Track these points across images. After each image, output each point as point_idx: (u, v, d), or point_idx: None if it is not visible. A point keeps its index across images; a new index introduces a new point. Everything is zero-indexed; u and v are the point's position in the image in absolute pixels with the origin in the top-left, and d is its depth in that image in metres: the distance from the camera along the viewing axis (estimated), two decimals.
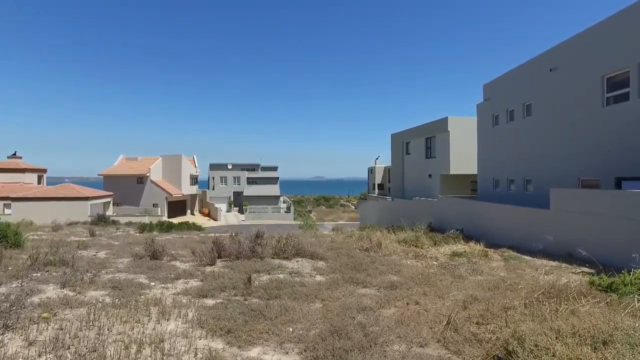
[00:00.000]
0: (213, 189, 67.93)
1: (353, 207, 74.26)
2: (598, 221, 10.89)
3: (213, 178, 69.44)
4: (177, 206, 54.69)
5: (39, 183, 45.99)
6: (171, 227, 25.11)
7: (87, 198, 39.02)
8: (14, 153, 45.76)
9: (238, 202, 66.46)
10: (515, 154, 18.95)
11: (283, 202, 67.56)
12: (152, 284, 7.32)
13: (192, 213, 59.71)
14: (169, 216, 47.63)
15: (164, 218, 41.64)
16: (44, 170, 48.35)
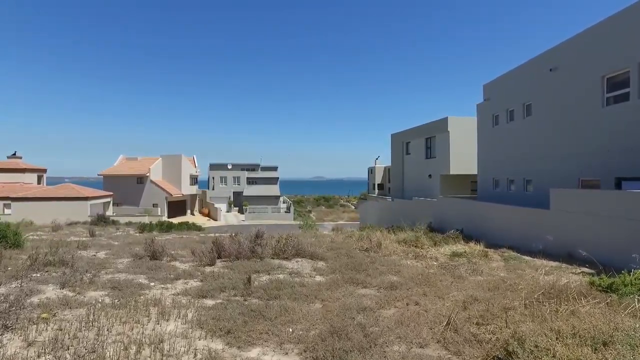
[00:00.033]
0: (213, 189, 67.99)
1: (353, 207, 74.27)
2: (598, 221, 10.88)
3: (213, 178, 69.49)
4: (177, 206, 54.73)
5: (39, 183, 46.00)
6: (171, 227, 25.11)
7: (87, 198, 39.03)
8: (14, 153, 45.78)
9: (238, 202, 66.51)
10: (515, 154, 18.94)
11: (283, 202, 67.58)
12: (152, 285, 7.31)
13: (192, 213, 59.73)
14: (169, 216, 47.65)
15: (164, 218, 41.63)
16: (44, 170, 48.37)
